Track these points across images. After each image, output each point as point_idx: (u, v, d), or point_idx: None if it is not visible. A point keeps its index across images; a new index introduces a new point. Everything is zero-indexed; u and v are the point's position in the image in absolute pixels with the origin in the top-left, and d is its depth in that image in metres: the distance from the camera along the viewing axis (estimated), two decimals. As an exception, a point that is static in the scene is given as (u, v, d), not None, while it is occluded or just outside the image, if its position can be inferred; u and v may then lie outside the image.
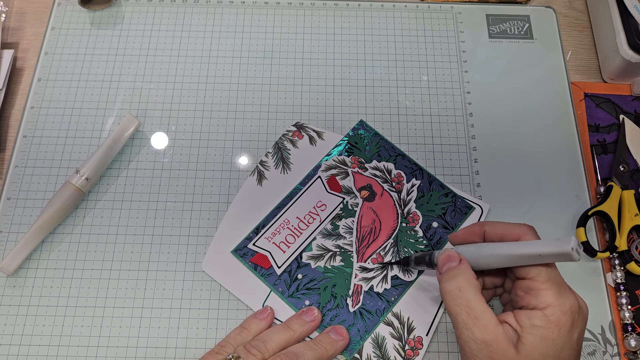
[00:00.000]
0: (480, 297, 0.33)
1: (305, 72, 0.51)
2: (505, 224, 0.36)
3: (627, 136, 0.49)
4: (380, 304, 0.42)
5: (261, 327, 0.40)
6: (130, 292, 0.43)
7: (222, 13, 0.54)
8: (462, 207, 0.46)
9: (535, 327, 0.31)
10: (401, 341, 0.41)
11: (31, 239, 0.43)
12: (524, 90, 0.51)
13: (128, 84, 0.50)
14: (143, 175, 0.47)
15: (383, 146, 0.48)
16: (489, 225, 0.37)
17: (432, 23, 0.54)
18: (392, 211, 0.45)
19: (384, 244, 0.44)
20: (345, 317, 0.41)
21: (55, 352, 0.41)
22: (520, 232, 0.35)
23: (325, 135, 0.48)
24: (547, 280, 0.32)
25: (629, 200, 0.45)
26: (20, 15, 0.54)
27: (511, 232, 0.35)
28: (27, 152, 0.47)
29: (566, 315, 0.31)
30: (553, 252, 0.31)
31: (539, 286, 0.32)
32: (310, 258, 0.43)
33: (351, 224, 0.45)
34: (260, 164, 0.47)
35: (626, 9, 0.49)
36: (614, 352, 0.42)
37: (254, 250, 0.43)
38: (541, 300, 0.32)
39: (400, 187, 0.46)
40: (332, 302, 0.42)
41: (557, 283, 0.32)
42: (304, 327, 0.40)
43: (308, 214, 0.45)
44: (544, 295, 0.32)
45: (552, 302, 0.32)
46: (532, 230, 0.35)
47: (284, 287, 0.42)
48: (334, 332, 0.40)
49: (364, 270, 0.43)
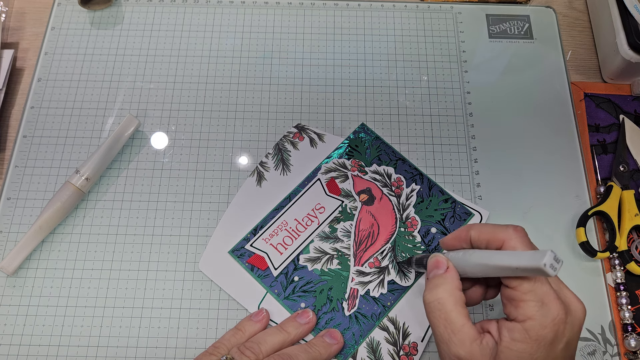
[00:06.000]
0: (460, 310, 0.32)
1: (305, 72, 0.51)
2: (491, 228, 0.34)
3: (627, 136, 0.49)
4: (376, 309, 0.42)
5: (256, 329, 0.40)
6: (130, 292, 0.43)
7: (222, 13, 0.54)
8: (462, 213, 0.45)
9: (513, 342, 0.30)
10: (396, 346, 0.41)
11: (31, 239, 0.43)
12: (524, 90, 0.51)
13: (128, 84, 0.50)
14: (143, 175, 0.47)
15: (384, 150, 0.47)
16: (475, 229, 0.35)
17: (432, 23, 0.54)
18: (391, 215, 0.45)
19: (381, 248, 0.44)
20: (341, 321, 0.41)
21: (55, 352, 0.41)
22: (504, 236, 0.32)
23: (326, 137, 0.48)
24: (529, 291, 0.30)
25: (629, 200, 0.45)
26: (20, 15, 0.54)
27: (496, 237, 0.33)
28: (27, 152, 0.47)
29: (546, 329, 0.30)
30: (527, 266, 0.29)
31: (520, 297, 0.31)
32: (307, 260, 0.43)
33: (349, 227, 0.44)
34: (260, 164, 0.47)
35: (626, 9, 0.49)
36: (614, 352, 0.42)
37: (251, 251, 0.43)
38: (521, 313, 0.30)
39: (400, 191, 0.46)
40: (327, 305, 0.42)
41: (540, 293, 0.30)
42: (298, 330, 0.39)
43: (306, 216, 0.45)
44: (524, 307, 0.30)
45: (533, 315, 0.30)
46: (519, 232, 0.33)
47: (280, 289, 0.42)
48: (329, 335, 0.40)
49: (361, 274, 0.43)
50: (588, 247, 0.44)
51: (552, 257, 0.28)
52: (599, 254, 0.44)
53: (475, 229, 0.35)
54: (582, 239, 0.44)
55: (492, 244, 0.33)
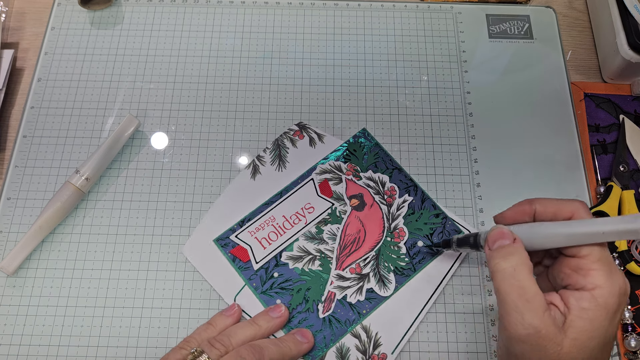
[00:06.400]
0: (533, 279, 0.32)
1: (305, 72, 0.51)
2: (556, 201, 0.34)
3: (627, 136, 0.49)
4: (351, 315, 0.41)
5: (227, 323, 0.40)
6: (130, 292, 0.43)
7: (222, 13, 0.54)
8: (451, 230, 0.45)
9: (583, 310, 0.30)
10: (365, 355, 0.40)
11: (31, 239, 0.43)
12: (524, 90, 0.51)
13: (128, 84, 0.50)
14: (143, 175, 0.47)
15: (381, 157, 0.47)
16: (540, 202, 0.34)
17: (432, 23, 0.54)
18: (379, 224, 0.45)
19: (365, 255, 0.43)
20: (314, 322, 0.41)
21: (55, 352, 0.41)
22: (572, 208, 0.33)
23: (325, 138, 0.48)
24: (598, 260, 0.31)
25: (629, 200, 0.46)
26: (20, 15, 0.54)
27: (564, 209, 0.33)
28: (27, 152, 0.47)
29: (614, 297, 0.30)
30: (620, 229, 0.30)
31: (589, 266, 0.31)
32: (290, 258, 0.43)
33: (336, 230, 0.44)
34: (257, 158, 0.47)
35: (626, 9, 0.49)
36: (614, 352, 0.42)
37: (235, 242, 0.44)
38: (590, 281, 0.30)
39: (392, 200, 0.45)
40: (303, 305, 0.42)
41: (607, 263, 0.31)
42: (270, 323, 0.40)
43: (295, 214, 0.45)
44: (594, 275, 0.30)
45: (602, 284, 0.30)
46: (584, 205, 0.33)
47: (259, 282, 0.42)
48: (300, 334, 0.40)
49: (341, 279, 0.43)
50: (588, 247, 0.44)
51: None
52: (599, 254, 0.44)
53: (539, 202, 0.35)
54: (582, 239, 0.44)
55: (559, 216, 0.33)
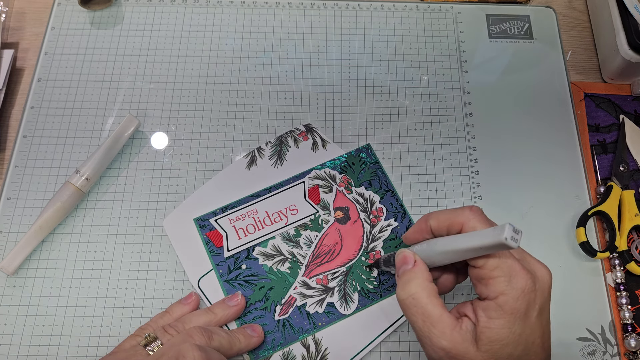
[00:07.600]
0: (434, 301, 0.32)
1: (305, 72, 0.51)
2: (448, 213, 0.34)
3: (627, 136, 0.49)
4: (306, 324, 0.41)
5: (184, 311, 0.40)
6: (130, 292, 0.43)
7: (222, 13, 0.54)
8: None
9: (491, 320, 0.30)
10: None
11: (31, 239, 0.43)
12: (524, 90, 0.51)
13: (128, 84, 0.50)
14: (143, 175, 0.47)
15: (378, 176, 0.46)
16: (432, 217, 0.34)
17: (432, 23, 0.54)
18: (358, 241, 0.44)
19: (335, 269, 0.43)
20: (268, 322, 0.41)
21: (55, 352, 0.41)
22: (462, 219, 0.33)
23: (329, 145, 0.48)
24: (496, 267, 0.31)
25: (629, 200, 0.46)
26: (20, 15, 0.54)
27: (454, 221, 0.33)
28: (27, 152, 0.47)
29: (519, 300, 0.30)
30: (489, 243, 0.29)
31: (489, 274, 0.31)
32: (261, 254, 0.43)
33: (314, 237, 0.44)
34: (257, 149, 0.47)
35: (626, 9, 0.49)
36: (614, 352, 0.42)
37: (213, 226, 0.44)
38: (492, 290, 0.31)
39: (376, 221, 0.45)
40: (261, 303, 0.42)
41: (506, 267, 0.31)
42: (225, 312, 0.40)
43: (277, 212, 0.45)
44: (494, 284, 0.31)
45: (503, 290, 0.30)
46: (475, 212, 0.33)
47: (225, 270, 0.42)
48: (251, 328, 0.40)
49: (305, 286, 0.42)
50: (588, 247, 0.44)
51: (512, 230, 0.29)
52: (599, 254, 0.44)
53: (433, 217, 0.35)
54: (582, 239, 0.44)
55: (452, 228, 0.33)
